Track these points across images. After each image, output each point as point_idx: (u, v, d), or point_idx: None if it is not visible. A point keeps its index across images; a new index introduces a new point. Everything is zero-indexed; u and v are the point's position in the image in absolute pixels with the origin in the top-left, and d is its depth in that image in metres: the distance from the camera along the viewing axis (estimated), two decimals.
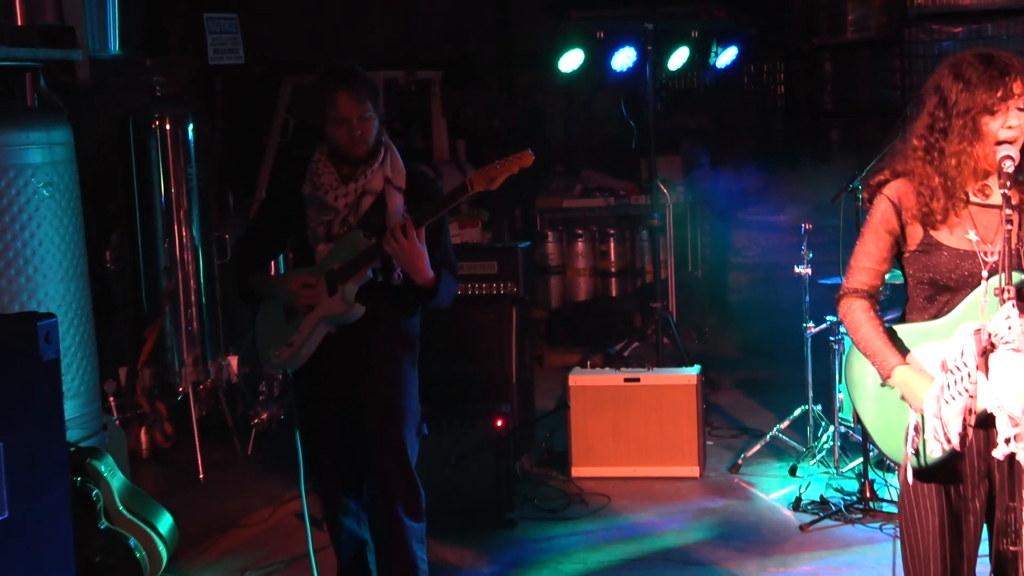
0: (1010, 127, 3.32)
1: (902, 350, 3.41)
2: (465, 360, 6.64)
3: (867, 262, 3.54)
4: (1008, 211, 3.22)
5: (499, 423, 6.10)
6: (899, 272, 3.61)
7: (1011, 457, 3.18)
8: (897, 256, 3.53)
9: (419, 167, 4.68)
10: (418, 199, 4.38)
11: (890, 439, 3.44)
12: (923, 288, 3.46)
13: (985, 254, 3.35)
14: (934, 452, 3.26)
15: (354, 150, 4.35)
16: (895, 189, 3.47)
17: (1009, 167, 3.28)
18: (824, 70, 11.72)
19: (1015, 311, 3.17)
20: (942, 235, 3.41)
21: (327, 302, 4.36)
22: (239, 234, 7.43)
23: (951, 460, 3.35)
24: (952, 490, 3.44)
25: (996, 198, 3.38)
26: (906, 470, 3.36)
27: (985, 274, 3.34)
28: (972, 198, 3.42)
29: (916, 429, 3.30)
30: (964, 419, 3.22)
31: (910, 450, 3.31)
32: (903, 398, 3.37)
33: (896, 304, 4.57)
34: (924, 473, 3.39)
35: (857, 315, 3.52)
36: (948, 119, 3.39)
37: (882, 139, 6.11)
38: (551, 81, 10.16)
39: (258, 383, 7.45)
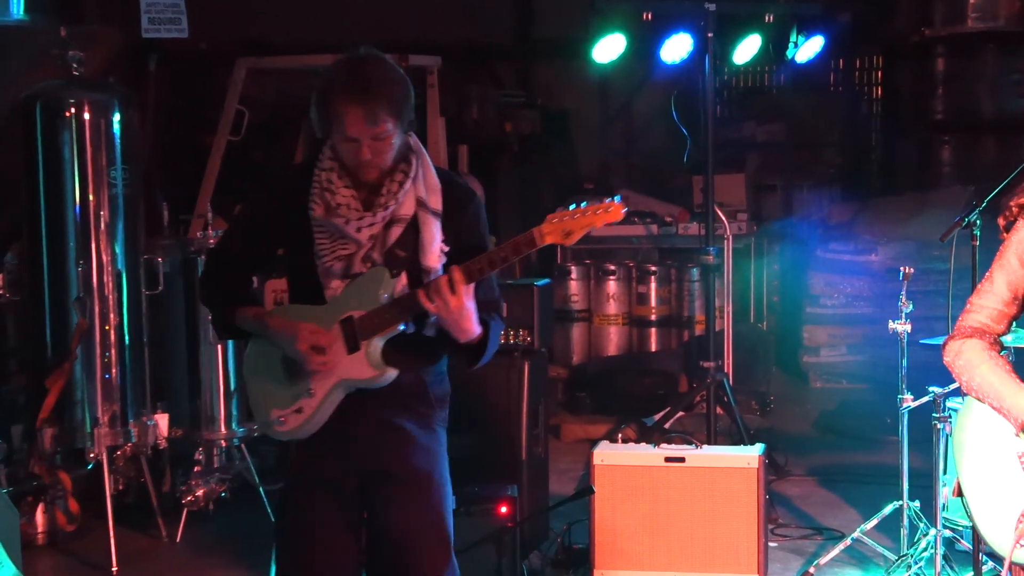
0: None
1: None
2: (463, 429, 6.60)
3: (991, 300, 3.60)
4: None
5: (503, 510, 6.09)
6: None
7: None
8: None
9: (455, 176, 4.60)
10: (457, 222, 4.36)
11: (999, 524, 3.44)
12: None
13: None
14: None
15: (364, 174, 4.32)
16: None
17: None
18: (936, 69, 11.78)
19: None
20: None
21: (347, 361, 4.32)
22: (187, 256, 7.45)
23: None
24: None
25: None
26: (1007, 570, 3.35)
27: None
28: None
29: None
30: None
31: (1019, 541, 3.30)
32: None
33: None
34: None
35: (973, 353, 3.56)
36: None
37: (1010, 160, 6.13)
38: (581, 75, 10.24)
39: (193, 450, 7.45)
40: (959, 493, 3.68)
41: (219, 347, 7.69)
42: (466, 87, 10.78)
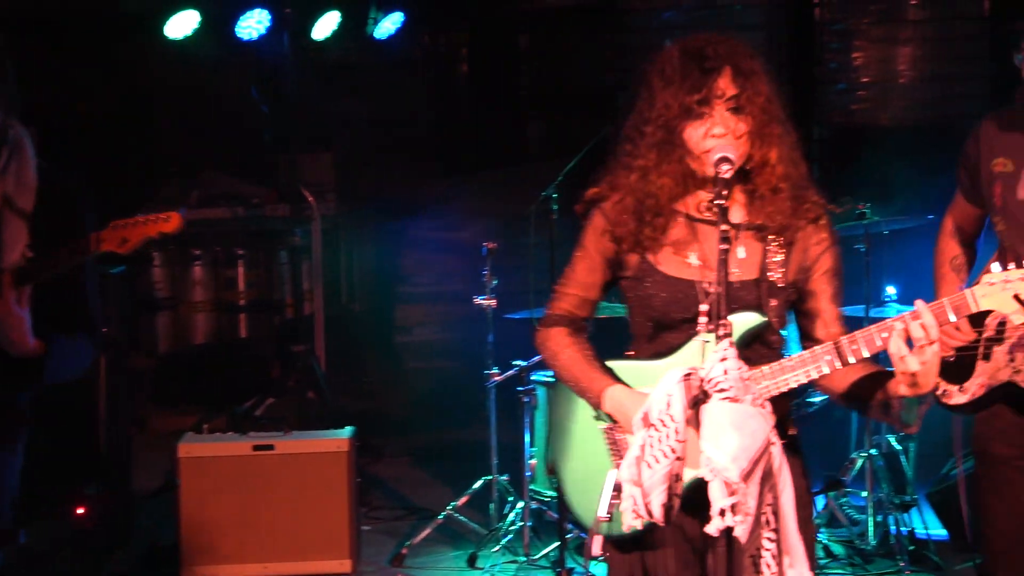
0: (715, 135, 3.48)
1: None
2: (34, 425, 6.41)
3: (573, 288, 3.72)
4: (725, 227, 3.34)
5: (81, 511, 5.92)
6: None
7: (728, 534, 3.30)
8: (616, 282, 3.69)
9: (62, 171, 4.32)
10: (55, 221, 4.10)
11: (588, 500, 3.55)
12: (643, 323, 3.62)
13: (709, 284, 3.51)
14: (632, 525, 3.37)
15: None
16: (613, 203, 3.63)
17: (727, 171, 3.42)
18: (519, 45, 12.02)
19: (732, 351, 3.30)
20: (661, 260, 3.58)
21: None
22: None
23: (654, 536, 3.49)
24: (658, 573, 3.57)
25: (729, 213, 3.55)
26: (592, 542, 3.45)
27: (705, 307, 3.47)
28: (696, 215, 3.58)
29: (618, 488, 3.39)
30: (670, 486, 3.34)
31: (604, 514, 3.40)
32: (611, 444, 3.49)
33: None
34: (622, 545, 3.53)
35: (557, 340, 3.69)
36: (645, 125, 3.56)
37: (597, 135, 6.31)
38: (159, 52, 9.99)
39: None
40: (552, 471, 3.77)
41: None
42: (28, 62, 10.31)
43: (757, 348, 3.53)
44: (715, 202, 3.35)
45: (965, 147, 4.64)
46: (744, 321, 3.48)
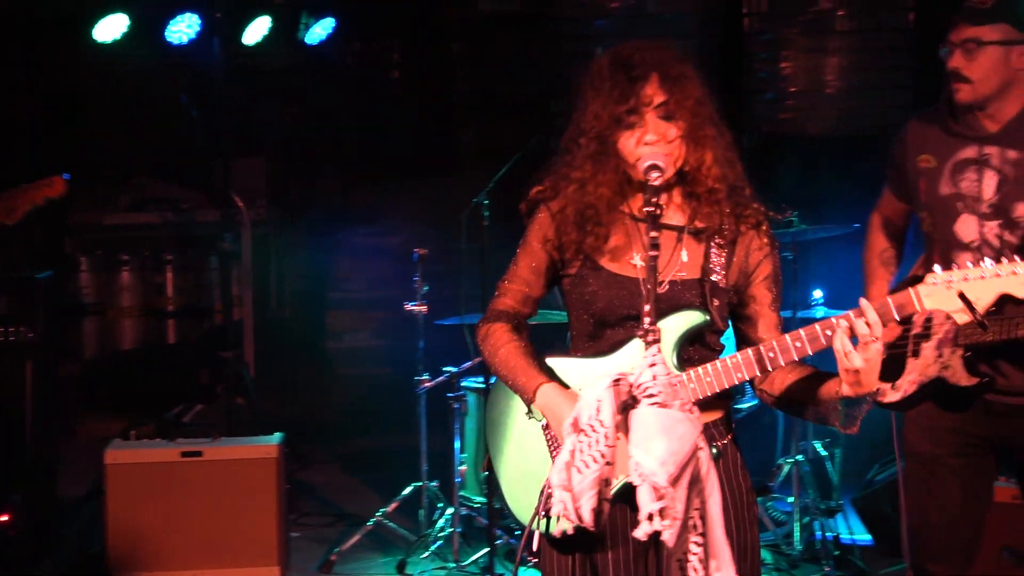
0: (647, 142, 3.51)
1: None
2: None
3: (517, 283, 3.77)
4: (654, 234, 3.37)
5: (5, 518, 5.88)
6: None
7: (656, 538, 3.32)
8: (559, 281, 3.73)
9: None
10: None
11: (524, 497, 3.57)
12: (585, 320, 3.65)
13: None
14: (563, 529, 3.39)
15: None
16: (555, 212, 3.67)
17: (656, 179, 3.45)
18: (452, 52, 12.03)
19: (661, 356, 3.32)
20: (605, 259, 3.62)
21: None
22: None
23: (588, 540, 3.51)
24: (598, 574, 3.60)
25: (668, 218, 3.61)
26: (529, 538, 3.46)
27: (648, 307, 3.49)
28: (639, 215, 3.61)
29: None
30: (599, 491, 3.36)
31: (541, 512, 3.41)
32: (549, 441, 3.53)
33: None
34: (562, 545, 3.56)
35: (496, 336, 3.72)
36: (580, 136, 3.60)
37: (528, 142, 6.34)
38: (88, 56, 9.91)
39: None
40: (488, 468, 3.79)
41: None
42: None
43: (697, 348, 3.58)
44: (645, 209, 3.38)
45: (893, 145, 4.74)
46: (687, 319, 3.52)
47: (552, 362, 3.68)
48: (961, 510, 4.62)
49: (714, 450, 3.54)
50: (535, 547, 3.51)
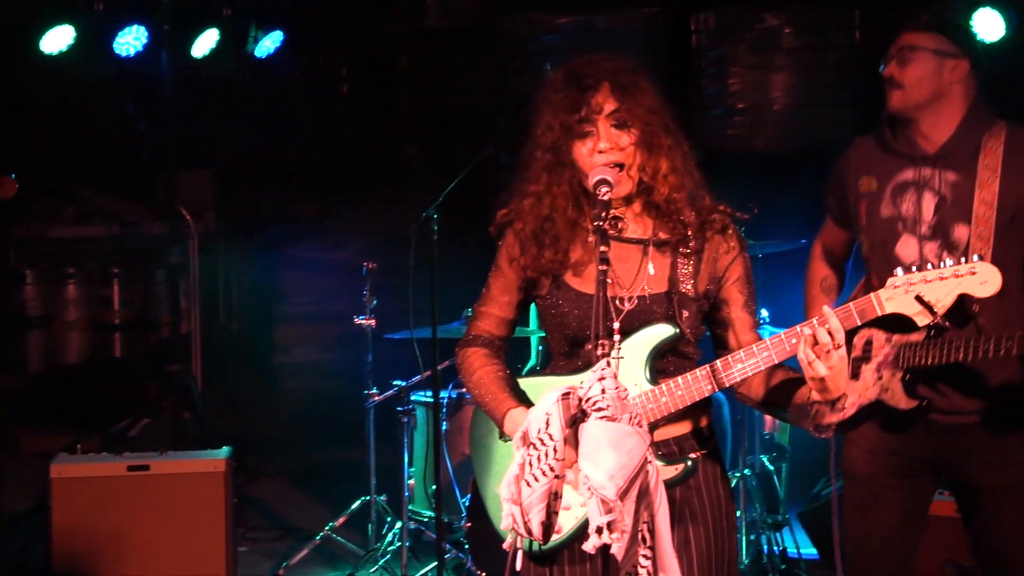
0: (601, 150, 3.53)
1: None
2: None
3: (491, 307, 3.81)
4: (604, 248, 3.38)
5: None
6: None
7: (605, 551, 3.34)
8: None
9: None
10: None
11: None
12: (560, 340, 3.69)
13: (620, 300, 3.57)
14: (511, 543, 3.42)
15: None
16: (516, 231, 3.72)
17: (605, 194, 3.47)
18: (399, 65, 12.05)
19: (611, 370, 3.34)
20: (572, 278, 3.65)
21: None
22: None
23: (565, 552, 3.58)
24: None
25: (632, 231, 3.63)
26: (514, 557, 3.48)
27: (617, 325, 3.52)
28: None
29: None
30: (548, 504, 3.37)
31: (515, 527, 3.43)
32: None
33: None
34: (539, 559, 3.61)
35: (470, 361, 3.77)
36: (536, 149, 3.64)
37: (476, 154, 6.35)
38: (33, 67, 9.86)
39: None
40: (473, 488, 3.83)
41: None
42: None
43: (672, 359, 3.61)
44: (594, 223, 3.40)
45: (833, 170, 4.76)
46: (656, 333, 3.55)
47: (529, 381, 3.71)
48: (898, 531, 4.63)
49: (688, 463, 3.57)
50: (519, 566, 3.52)
